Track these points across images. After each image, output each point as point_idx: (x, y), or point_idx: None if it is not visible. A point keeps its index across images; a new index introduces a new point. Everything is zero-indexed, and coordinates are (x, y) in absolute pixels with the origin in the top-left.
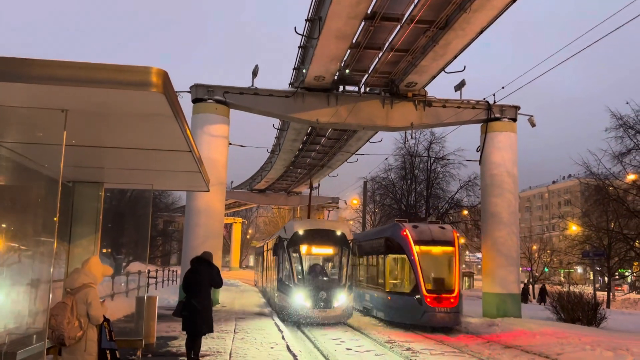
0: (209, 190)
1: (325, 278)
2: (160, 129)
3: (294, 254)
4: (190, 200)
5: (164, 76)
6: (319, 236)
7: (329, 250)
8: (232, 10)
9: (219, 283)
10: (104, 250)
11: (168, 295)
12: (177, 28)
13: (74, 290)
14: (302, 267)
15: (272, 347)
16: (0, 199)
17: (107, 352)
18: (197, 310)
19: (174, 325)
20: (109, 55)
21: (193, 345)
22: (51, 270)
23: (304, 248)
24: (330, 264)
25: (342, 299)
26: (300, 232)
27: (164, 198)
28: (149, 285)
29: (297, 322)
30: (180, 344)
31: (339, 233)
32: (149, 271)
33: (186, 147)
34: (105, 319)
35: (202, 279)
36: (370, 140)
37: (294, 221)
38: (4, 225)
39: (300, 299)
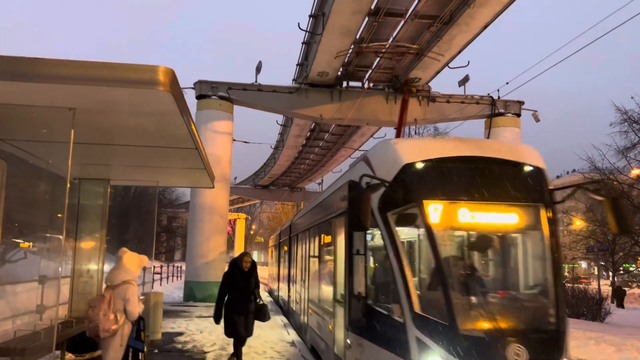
0: (214, 187)
1: (505, 297)
2: (167, 126)
3: (412, 229)
4: (194, 196)
5: (171, 75)
6: (476, 175)
7: (509, 218)
8: (234, 6)
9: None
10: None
11: (172, 291)
12: (178, 25)
13: (113, 286)
14: (439, 265)
15: None
16: (6, 195)
17: (130, 350)
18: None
19: (179, 322)
20: (102, 52)
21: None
22: (60, 268)
23: (436, 212)
24: (503, 256)
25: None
26: (420, 165)
27: (167, 194)
28: (154, 282)
29: None
30: (185, 340)
31: (528, 169)
32: (153, 267)
33: (192, 144)
34: (141, 317)
35: None
36: (374, 136)
37: (397, 142)
38: (9, 222)
39: None
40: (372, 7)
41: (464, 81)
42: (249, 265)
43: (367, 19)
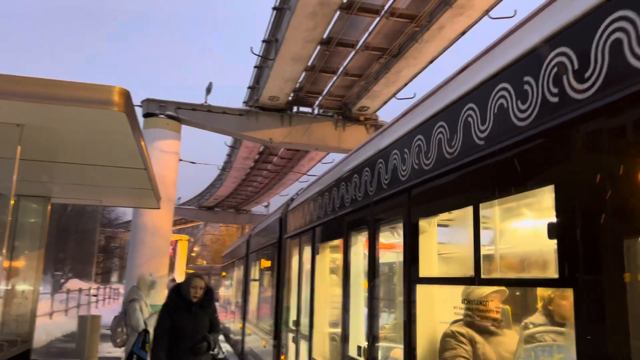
0: (159, 208)
1: None
2: (117, 146)
3: None
4: (136, 217)
5: (126, 95)
6: None
7: None
8: (187, 26)
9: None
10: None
11: (108, 314)
12: (132, 43)
13: (126, 303)
14: None
15: None
16: None
17: (135, 356)
18: None
19: None
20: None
21: None
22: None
23: None
24: None
25: None
26: None
27: (107, 213)
28: (90, 304)
29: None
30: None
31: None
32: (90, 289)
33: (141, 164)
34: (146, 330)
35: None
36: (322, 161)
37: None
38: None
39: None
40: (325, 36)
41: None
42: (201, 293)
43: (319, 47)
